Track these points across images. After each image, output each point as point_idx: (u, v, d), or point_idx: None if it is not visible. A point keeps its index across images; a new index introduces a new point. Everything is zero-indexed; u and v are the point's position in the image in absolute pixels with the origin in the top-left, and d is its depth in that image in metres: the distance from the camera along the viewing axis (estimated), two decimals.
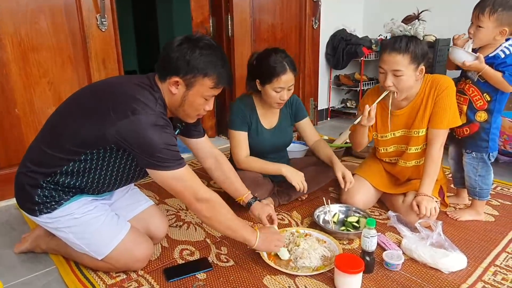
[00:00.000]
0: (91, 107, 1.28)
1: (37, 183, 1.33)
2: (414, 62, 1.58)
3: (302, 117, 2.03)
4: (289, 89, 1.81)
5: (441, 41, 3.28)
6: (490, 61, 1.62)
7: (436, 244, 1.52)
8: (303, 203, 2.04)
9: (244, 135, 1.90)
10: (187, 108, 1.34)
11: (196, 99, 1.31)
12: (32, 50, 2.06)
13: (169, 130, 1.27)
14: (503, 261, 1.52)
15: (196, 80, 1.27)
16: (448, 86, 1.68)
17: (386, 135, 1.85)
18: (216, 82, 1.30)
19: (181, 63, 1.25)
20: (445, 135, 1.71)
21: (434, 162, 1.69)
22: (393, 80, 1.61)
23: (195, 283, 1.40)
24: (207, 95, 1.31)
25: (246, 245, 1.63)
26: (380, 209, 1.97)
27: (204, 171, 2.49)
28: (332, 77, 3.93)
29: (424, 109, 1.71)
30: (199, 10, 3.00)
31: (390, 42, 1.61)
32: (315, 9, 3.41)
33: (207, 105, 1.36)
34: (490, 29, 1.58)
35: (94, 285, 1.39)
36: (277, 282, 1.40)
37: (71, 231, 1.37)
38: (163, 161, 1.24)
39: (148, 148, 1.21)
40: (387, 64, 1.60)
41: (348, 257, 1.37)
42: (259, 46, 3.15)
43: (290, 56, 1.82)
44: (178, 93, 1.30)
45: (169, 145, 1.24)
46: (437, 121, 1.68)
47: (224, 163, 1.66)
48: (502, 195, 2.12)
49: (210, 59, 1.27)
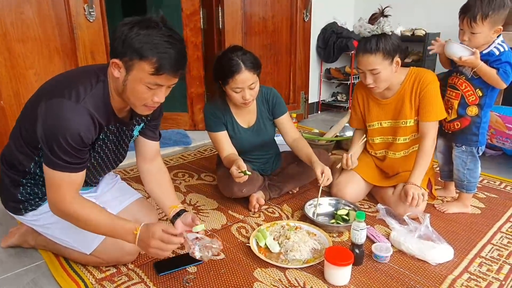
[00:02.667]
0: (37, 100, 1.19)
1: (17, 182, 1.31)
2: (387, 58, 1.64)
3: (280, 114, 1.94)
4: (250, 88, 1.71)
5: (431, 35, 3.30)
6: (485, 58, 1.62)
7: (424, 236, 1.54)
8: (294, 197, 2.05)
9: (222, 135, 1.86)
10: (130, 96, 1.18)
11: (136, 86, 1.14)
12: (17, 40, 2.01)
13: (84, 129, 1.13)
14: (489, 253, 1.56)
15: (133, 63, 1.10)
16: (432, 81, 1.73)
17: (373, 124, 1.91)
18: (157, 68, 1.09)
19: (118, 42, 1.10)
20: (436, 127, 1.76)
21: (427, 154, 1.73)
22: (372, 78, 1.69)
23: (186, 276, 1.40)
24: (149, 82, 1.12)
25: (236, 238, 1.65)
26: (369, 202, 1.99)
27: (197, 165, 2.48)
28: (323, 71, 3.93)
29: (409, 100, 1.77)
30: (189, 2, 2.97)
31: (361, 44, 1.67)
32: (306, 2, 3.39)
33: (156, 96, 1.17)
34: (486, 33, 1.58)
35: (84, 279, 1.38)
36: (268, 275, 1.41)
37: (57, 227, 1.35)
38: (54, 155, 1.12)
39: (49, 135, 1.11)
40: (363, 65, 1.68)
41: (337, 249, 1.38)
42: (250, 39, 3.13)
43: (250, 53, 1.71)
44: (120, 77, 1.15)
45: (70, 143, 1.11)
46: (426, 115, 1.74)
47: (165, 172, 1.53)
48: (488, 188, 2.16)
49: (149, 39, 1.08)
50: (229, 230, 1.72)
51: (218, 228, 1.74)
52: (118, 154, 1.43)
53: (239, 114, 1.91)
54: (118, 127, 1.33)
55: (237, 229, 1.73)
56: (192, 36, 3.05)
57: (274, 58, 3.36)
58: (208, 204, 1.97)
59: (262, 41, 3.22)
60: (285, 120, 1.95)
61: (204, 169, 2.44)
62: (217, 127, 1.86)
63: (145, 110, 1.23)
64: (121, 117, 1.31)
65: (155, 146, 1.51)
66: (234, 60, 1.66)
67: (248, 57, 1.69)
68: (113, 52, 1.14)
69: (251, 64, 1.68)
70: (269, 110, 1.95)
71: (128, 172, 2.38)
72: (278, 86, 3.45)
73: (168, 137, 2.94)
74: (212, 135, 1.89)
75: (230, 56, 1.68)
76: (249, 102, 1.76)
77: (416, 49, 3.55)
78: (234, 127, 1.90)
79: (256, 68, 1.71)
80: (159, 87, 1.16)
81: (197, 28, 3.04)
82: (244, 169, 1.64)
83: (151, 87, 1.14)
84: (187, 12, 2.99)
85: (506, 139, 2.30)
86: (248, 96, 1.72)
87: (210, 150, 2.80)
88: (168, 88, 1.21)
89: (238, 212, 1.88)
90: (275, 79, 3.42)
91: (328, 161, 2.16)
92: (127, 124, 1.35)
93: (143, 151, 1.50)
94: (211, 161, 2.54)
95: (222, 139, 1.86)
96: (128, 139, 1.43)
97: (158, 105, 1.22)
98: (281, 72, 3.46)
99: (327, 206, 1.88)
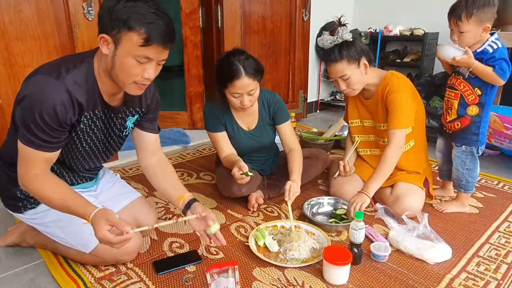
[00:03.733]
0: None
1: (16, 180, 1.30)
2: (353, 63, 1.70)
3: (282, 121, 1.90)
4: (249, 94, 1.68)
5: (430, 35, 3.30)
6: (479, 57, 1.63)
7: (422, 235, 1.55)
8: None
9: (221, 136, 1.85)
10: (119, 73, 1.15)
11: (125, 60, 1.12)
12: (16, 39, 2.00)
13: (59, 104, 1.12)
14: (486, 252, 1.56)
15: (121, 35, 1.09)
16: (397, 89, 1.71)
17: (355, 121, 1.99)
18: (146, 38, 1.08)
19: (106, 16, 1.09)
20: (400, 135, 1.71)
21: (386, 163, 1.68)
22: (345, 83, 1.75)
23: (185, 275, 1.40)
24: (138, 55, 1.11)
25: (235, 238, 1.65)
26: None
27: (196, 164, 2.49)
28: (321, 70, 3.93)
29: (382, 104, 1.80)
30: (188, 0, 2.96)
31: (326, 55, 1.74)
32: (305, 1, 3.39)
33: (145, 71, 1.15)
34: (473, 31, 1.60)
35: (83, 278, 1.38)
36: (267, 274, 1.41)
37: (57, 225, 1.35)
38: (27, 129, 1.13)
39: (26, 108, 1.11)
40: (333, 74, 1.75)
41: (336, 249, 1.39)
42: (249, 38, 3.13)
43: (252, 58, 1.69)
44: (109, 53, 1.13)
45: (44, 119, 1.11)
46: (389, 122, 1.74)
47: (167, 164, 1.50)
48: (486, 187, 2.17)
49: (136, 10, 1.07)
50: (228, 229, 1.72)
51: None
52: (108, 145, 1.40)
53: (240, 116, 1.89)
54: (106, 113, 1.31)
55: (236, 229, 1.73)
56: (191, 35, 3.04)
57: (273, 57, 3.36)
58: (207, 203, 1.97)
59: (261, 40, 3.22)
60: (285, 128, 1.91)
61: (203, 168, 2.44)
62: (216, 127, 1.85)
63: (136, 89, 1.20)
64: (111, 104, 1.30)
65: (155, 139, 1.49)
66: (235, 64, 1.64)
67: (250, 63, 1.66)
68: (101, 27, 1.12)
69: (252, 70, 1.65)
70: (269, 116, 1.92)
71: (127, 171, 2.38)
72: (277, 85, 3.45)
73: (167, 136, 2.94)
74: (211, 135, 1.88)
75: (232, 60, 1.65)
76: (247, 108, 1.73)
77: (415, 49, 3.56)
78: (234, 128, 1.89)
79: (257, 74, 1.68)
80: (149, 61, 1.14)
81: (196, 27, 3.03)
82: (246, 170, 1.64)
83: (141, 61, 1.13)
84: (186, 10, 2.98)
85: (504, 139, 2.31)
86: (247, 102, 1.69)
87: (209, 149, 2.81)
88: (158, 66, 1.18)
89: (237, 212, 1.88)
90: (274, 78, 3.42)
91: (327, 160, 2.17)
92: (115, 111, 1.33)
93: (142, 145, 1.47)
94: (210, 160, 2.54)
95: (221, 140, 1.86)
96: (119, 130, 1.39)
97: (148, 82, 1.20)
98: (280, 71, 3.46)
99: (326, 205, 1.89)
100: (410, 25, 3.49)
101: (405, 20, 3.53)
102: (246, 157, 1.92)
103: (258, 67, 1.69)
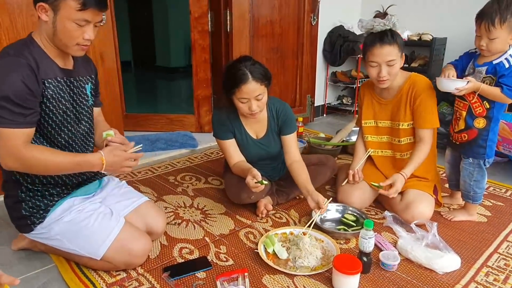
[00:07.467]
0: None
1: (17, 198, 1.37)
2: (400, 50, 1.72)
3: (288, 132, 1.89)
4: (257, 99, 1.68)
5: (438, 40, 3.30)
6: (492, 70, 1.61)
7: (431, 245, 1.55)
8: (301, 202, 2.06)
9: (229, 143, 1.86)
10: (62, 37, 1.26)
11: (66, 24, 1.23)
12: None
13: (20, 72, 1.21)
14: (495, 262, 1.56)
15: (59, 3, 1.21)
16: (426, 89, 1.79)
17: (369, 121, 1.98)
18: (82, 3, 1.21)
19: None
20: (431, 134, 1.81)
21: (419, 154, 1.79)
22: (387, 70, 1.72)
23: (195, 282, 1.41)
24: (77, 19, 1.23)
25: (244, 244, 1.66)
26: (376, 209, 1.99)
27: (204, 168, 2.50)
28: (329, 74, 3.93)
29: (405, 104, 1.82)
30: (197, 4, 2.98)
31: (377, 37, 1.70)
32: (314, 6, 3.40)
33: (86, 33, 1.27)
34: (504, 37, 1.55)
35: (94, 283, 1.39)
36: (276, 282, 1.42)
37: (64, 237, 1.38)
38: None
39: None
40: (380, 57, 1.70)
41: (346, 258, 1.39)
42: (257, 42, 3.14)
43: (259, 64, 1.70)
44: (48, 20, 1.24)
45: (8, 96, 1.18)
46: (420, 122, 1.80)
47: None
48: (494, 195, 2.16)
49: None
50: (237, 235, 1.73)
51: (226, 233, 1.75)
52: (78, 114, 1.43)
53: (249, 123, 1.89)
54: (66, 80, 1.37)
55: (245, 235, 1.74)
56: (200, 38, 3.06)
57: (280, 61, 3.37)
58: (215, 208, 1.99)
59: (269, 44, 3.23)
60: (290, 140, 1.90)
61: (211, 173, 2.45)
62: (224, 134, 1.86)
63: (79, 50, 1.32)
64: (66, 68, 1.38)
65: (98, 113, 1.63)
66: (242, 70, 1.64)
67: (256, 68, 1.67)
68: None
69: (259, 75, 1.66)
70: (277, 125, 1.91)
71: (135, 174, 2.39)
72: (284, 89, 3.46)
73: (174, 139, 2.96)
74: (220, 142, 1.89)
75: (238, 66, 1.66)
76: (256, 114, 1.73)
77: (423, 54, 3.55)
78: (243, 135, 1.89)
79: (264, 79, 1.68)
80: (87, 23, 1.26)
81: (205, 31, 3.05)
82: (260, 179, 1.64)
83: (80, 24, 1.25)
84: (195, 15, 3.00)
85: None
86: (255, 107, 1.69)
87: (216, 153, 2.82)
88: (95, 27, 1.30)
89: (246, 217, 1.89)
90: (282, 82, 3.43)
91: (335, 166, 2.17)
92: (73, 74, 1.40)
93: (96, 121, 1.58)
94: (218, 164, 2.55)
95: (229, 147, 1.86)
96: (83, 98, 1.45)
97: (89, 43, 1.32)
98: (288, 75, 3.47)
99: (334, 212, 1.89)
100: (418, 30, 3.49)
101: (413, 25, 3.53)
102: (254, 164, 1.93)
103: (265, 72, 1.70)
